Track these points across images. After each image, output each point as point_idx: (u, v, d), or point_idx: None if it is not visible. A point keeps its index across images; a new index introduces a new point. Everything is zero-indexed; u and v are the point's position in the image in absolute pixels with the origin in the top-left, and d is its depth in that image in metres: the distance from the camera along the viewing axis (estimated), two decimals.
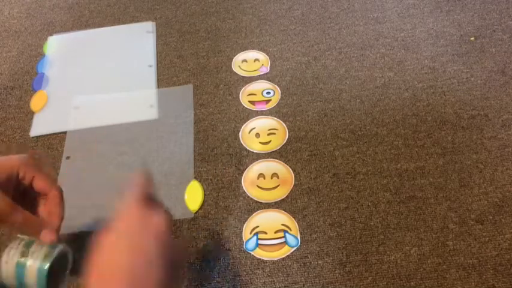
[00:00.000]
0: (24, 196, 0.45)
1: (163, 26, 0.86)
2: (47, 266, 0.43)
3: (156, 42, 0.83)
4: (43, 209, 0.46)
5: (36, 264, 0.43)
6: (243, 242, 0.57)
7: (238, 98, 0.73)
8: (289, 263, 0.55)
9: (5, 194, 0.42)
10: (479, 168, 0.62)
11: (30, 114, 0.73)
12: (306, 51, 0.79)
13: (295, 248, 0.56)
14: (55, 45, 0.85)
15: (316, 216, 0.59)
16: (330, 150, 0.65)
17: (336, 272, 0.54)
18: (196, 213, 0.60)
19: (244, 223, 0.59)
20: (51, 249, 0.44)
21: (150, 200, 0.40)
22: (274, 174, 0.63)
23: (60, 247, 0.45)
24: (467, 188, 0.60)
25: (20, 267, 0.43)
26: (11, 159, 0.44)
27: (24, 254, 0.43)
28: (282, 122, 0.69)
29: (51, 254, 0.44)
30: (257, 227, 0.58)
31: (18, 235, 0.45)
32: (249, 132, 0.68)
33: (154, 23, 0.87)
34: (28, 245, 0.44)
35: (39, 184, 0.45)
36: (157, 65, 0.79)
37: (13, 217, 0.43)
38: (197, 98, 0.73)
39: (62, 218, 0.46)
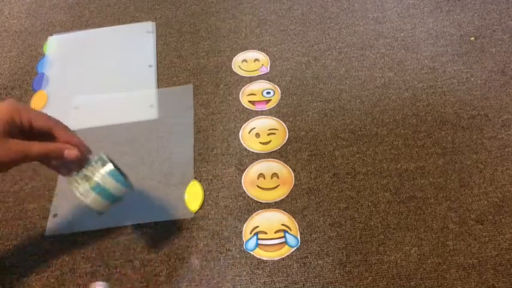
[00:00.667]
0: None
1: (163, 26, 0.86)
2: (111, 166, 0.47)
3: (156, 42, 0.83)
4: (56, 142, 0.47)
5: (103, 174, 0.47)
6: (243, 242, 0.57)
7: (238, 98, 0.73)
8: (289, 263, 0.55)
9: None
10: (479, 168, 0.62)
11: None
12: (306, 51, 0.79)
13: (295, 248, 0.56)
14: (55, 45, 0.85)
15: (316, 216, 0.59)
16: (330, 150, 0.65)
17: (336, 272, 0.54)
18: (196, 213, 0.60)
19: (244, 223, 0.59)
20: (100, 159, 0.48)
21: None
22: (274, 174, 0.63)
23: (102, 154, 0.49)
24: (467, 188, 0.60)
25: (97, 188, 0.47)
26: None
27: (87, 179, 0.47)
28: (282, 122, 0.69)
29: (104, 160, 0.48)
30: (257, 227, 0.58)
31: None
32: (249, 132, 0.68)
33: (154, 23, 0.87)
34: (82, 174, 0.47)
35: (40, 123, 0.45)
36: (157, 65, 0.79)
37: (32, 152, 0.44)
38: (197, 98, 0.73)
39: (80, 141, 0.48)
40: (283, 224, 0.58)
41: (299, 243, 0.56)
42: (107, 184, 0.47)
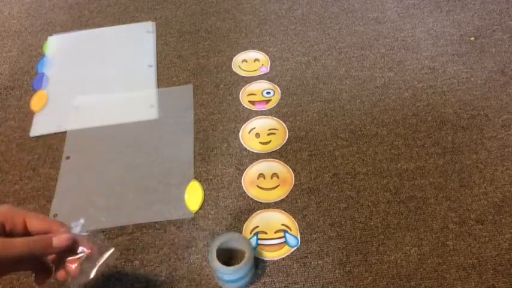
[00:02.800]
0: None
1: (163, 26, 0.86)
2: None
3: (156, 42, 0.83)
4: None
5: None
6: None
7: (238, 98, 0.73)
8: (289, 263, 0.55)
9: None
10: (479, 168, 0.62)
11: (30, 114, 0.73)
12: (306, 51, 0.79)
13: (295, 248, 0.56)
14: (55, 45, 0.85)
15: (316, 216, 0.59)
16: (330, 150, 0.65)
17: (336, 272, 0.54)
18: (196, 213, 0.60)
19: (244, 223, 0.58)
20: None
21: None
22: (274, 174, 0.63)
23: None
24: (467, 188, 0.60)
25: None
26: None
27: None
28: (282, 122, 0.69)
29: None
30: (257, 227, 0.58)
31: None
32: (249, 132, 0.68)
33: (154, 23, 0.87)
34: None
35: (35, 224, 0.41)
36: (157, 65, 0.79)
37: (15, 250, 0.39)
38: (197, 98, 0.73)
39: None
40: (283, 224, 0.58)
41: (299, 243, 0.56)
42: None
